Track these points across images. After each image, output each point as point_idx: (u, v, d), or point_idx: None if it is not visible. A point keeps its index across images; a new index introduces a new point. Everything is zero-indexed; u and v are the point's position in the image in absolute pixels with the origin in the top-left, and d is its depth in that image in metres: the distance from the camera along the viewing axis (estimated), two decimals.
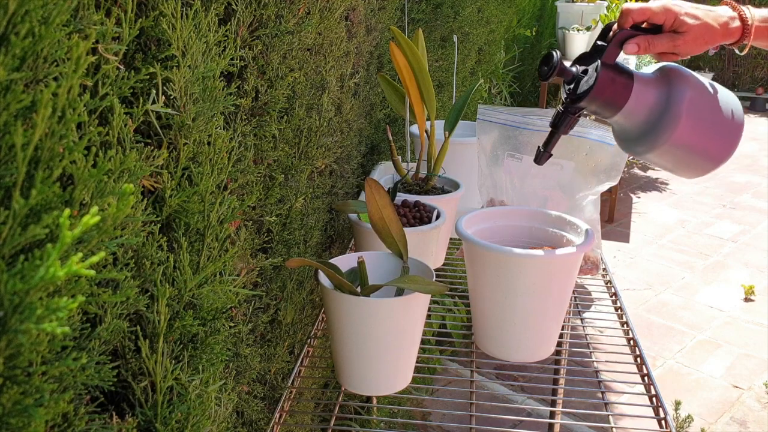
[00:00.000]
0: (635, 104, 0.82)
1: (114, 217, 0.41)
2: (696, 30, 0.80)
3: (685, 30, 0.80)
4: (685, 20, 0.80)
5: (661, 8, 0.81)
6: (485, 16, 2.58)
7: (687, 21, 0.80)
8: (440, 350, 2.02)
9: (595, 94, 0.81)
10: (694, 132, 0.81)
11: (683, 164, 0.85)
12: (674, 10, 0.80)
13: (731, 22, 0.81)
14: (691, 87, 0.82)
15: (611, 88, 0.81)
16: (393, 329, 0.81)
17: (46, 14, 0.38)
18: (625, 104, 0.82)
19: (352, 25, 1.19)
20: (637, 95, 0.82)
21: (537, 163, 0.90)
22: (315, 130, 1.00)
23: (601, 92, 0.81)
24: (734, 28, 0.81)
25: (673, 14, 0.80)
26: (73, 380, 0.46)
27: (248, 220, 0.84)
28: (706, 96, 0.82)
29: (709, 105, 0.82)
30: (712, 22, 0.81)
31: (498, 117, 1.23)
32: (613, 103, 0.82)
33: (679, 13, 0.80)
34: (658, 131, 0.82)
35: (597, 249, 1.26)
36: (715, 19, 0.81)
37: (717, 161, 0.84)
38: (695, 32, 0.80)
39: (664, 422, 0.88)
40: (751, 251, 3.16)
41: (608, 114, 0.84)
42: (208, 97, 0.61)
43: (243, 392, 0.89)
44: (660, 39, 0.81)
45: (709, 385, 2.19)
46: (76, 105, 0.39)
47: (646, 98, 0.82)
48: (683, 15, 0.80)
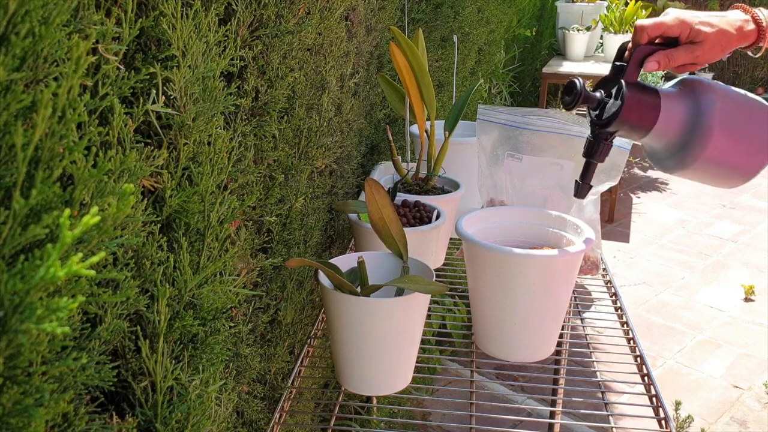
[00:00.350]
0: (665, 122, 0.80)
1: (114, 217, 0.41)
2: (713, 38, 0.79)
3: (702, 39, 0.79)
4: (701, 29, 0.79)
5: (676, 20, 0.79)
6: (485, 16, 2.58)
7: (703, 30, 0.79)
8: (440, 350, 2.02)
9: (623, 117, 0.79)
10: (728, 143, 0.79)
11: (717, 177, 0.83)
12: (689, 21, 0.79)
13: (746, 25, 0.80)
14: (719, 97, 0.80)
15: (639, 109, 0.79)
16: (393, 329, 0.81)
17: (46, 14, 0.38)
18: (656, 123, 0.80)
19: (352, 25, 1.19)
20: (666, 113, 0.80)
21: (578, 198, 0.88)
22: (315, 130, 1.00)
23: (628, 115, 0.79)
24: (749, 31, 0.80)
25: (688, 25, 0.79)
26: (73, 380, 0.46)
27: (248, 220, 0.84)
28: (735, 105, 0.81)
29: (740, 114, 0.80)
30: (728, 28, 0.79)
31: (498, 117, 1.23)
32: (643, 124, 0.80)
33: (693, 23, 0.79)
34: (693, 145, 0.80)
35: (597, 249, 1.26)
36: (730, 24, 0.80)
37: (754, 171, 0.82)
38: (712, 40, 0.79)
39: (664, 422, 0.88)
40: (751, 251, 3.16)
41: (638, 135, 0.82)
42: (208, 97, 0.61)
43: (243, 392, 0.89)
44: (678, 52, 0.80)
45: (709, 385, 2.19)
46: (76, 105, 0.39)
47: (676, 115, 0.80)
48: (698, 24, 0.79)
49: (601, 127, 0.82)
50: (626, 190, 3.91)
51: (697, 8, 5.87)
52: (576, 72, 3.37)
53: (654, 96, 0.80)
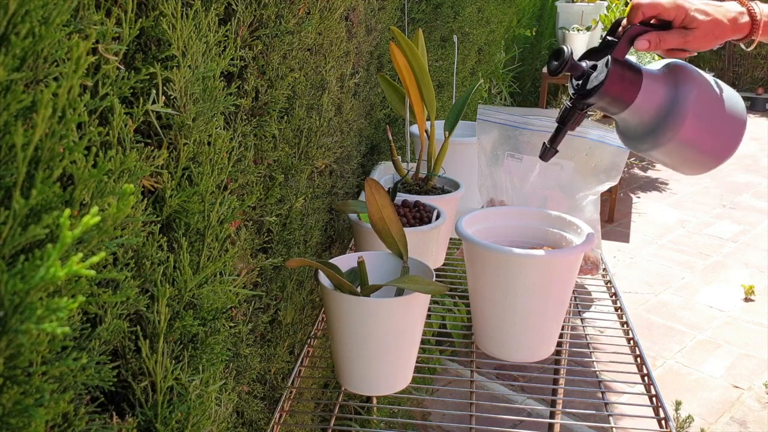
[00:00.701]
0: (643, 101, 0.81)
1: (114, 217, 0.41)
2: (706, 26, 0.80)
3: (695, 26, 0.80)
4: (695, 16, 0.80)
5: (672, 4, 0.80)
6: (485, 16, 2.58)
7: (697, 17, 0.79)
8: (440, 350, 2.02)
9: (604, 90, 0.80)
10: (699, 130, 0.81)
11: (686, 161, 0.85)
12: (685, 6, 0.80)
13: (740, 17, 0.81)
14: (697, 85, 0.81)
15: (620, 85, 0.81)
16: (393, 329, 0.81)
17: (47, 14, 0.38)
18: (634, 101, 0.81)
19: (352, 25, 1.19)
20: (645, 92, 0.81)
21: (542, 160, 0.90)
22: (315, 130, 1.00)
23: (610, 88, 0.80)
24: (743, 24, 0.81)
25: (683, 10, 0.80)
26: (73, 380, 0.46)
27: (248, 220, 0.84)
28: (711, 94, 0.82)
29: (714, 103, 0.82)
30: (722, 18, 0.80)
31: (498, 117, 1.23)
32: (622, 100, 0.81)
33: (689, 9, 0.80)
34: (664, 129, 0.81)
35: (597, 249, 1.26)
36: (725, 15, 0.80)
37: (719, 158, 0.84)
38: (705, 28, 0.80)
39: (664, 422, 0.88)
40: (751, 251, 3.16)
41: (616, 110, 0.83)
42: (208, 97, 0.61)
43: (243, 392, 0.89)
44: (670, 35, 0.81)
45: (709, 385, 2.19)
46: (77, 105, 0.39)
47: (654, 95, 0.82)
48: (693, 11, 0.80)
49: (581, 97, 0.83)
50: (626, 190, 3.91)
51: None
52: None
53: (637, 74, 0.81)
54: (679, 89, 0.81)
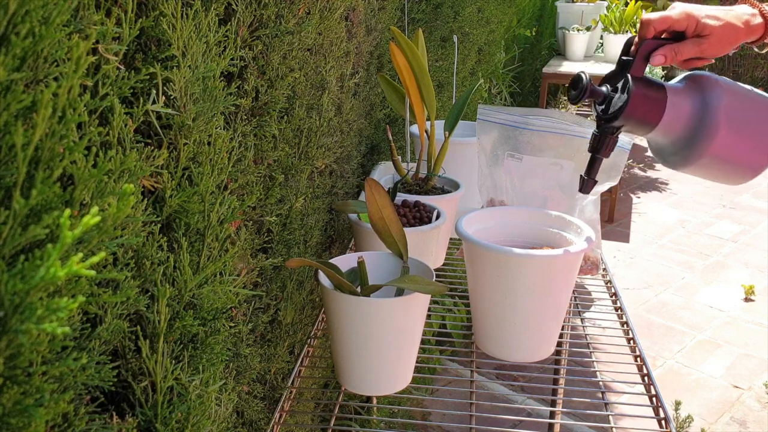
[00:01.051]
0: (671, 117, 0.79)
1: (114, 218, 0.41)
2: (719, 31, 0.78)
3: (708, 33, 0.78)
4: (707, 23, 0.78)
5: (682, 14, 0.79)
6: (485, 16, 2.58)
7: (709, 23, 0.78)
8: (440, 350, 2.02)
9: (629, 111, 0.79)
10: (734, 139, 0.79)
11: (723, 173, 0.83)
12: (695, 15, 0.79)
13: (753, 19, 0.80)
14: (725, 93, 0.79)
15: (645, 103, 0.79)
16: (393, 329, 0.81)
17: (47, 14, 0.38)
18: (662, 119, 0.79)
19: (352, 25, 1.19)
20: (672, 108, 0.79)
21: (583, 193, 0.88)
22: (315, 130, 1.00)
23: (634, 109, 0.79)
24: (756, 25, 0.80)
25: (694, 19, 0.79)
26: (74, 380, 0.46)
27: (248, 220, 0.84)
28: (742, 100, 0.80)
29: (747, 110, 0.80)
30: (735, 21, 0.79)
31: (498, 117, 1.23)
32: (649, 119, 0.80)
33: (700, 16, 0.79)
34: (696, 143, 0.79)
35: (597, 249, 1.26)
36: (738, 18, 0.79)
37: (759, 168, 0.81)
38: (719, 34, 0.78)
39: (664, 422, 0.88)
40: (751, 251, 3.16)
41: (644, 131, 0.81)
42: (208, 97, 0.61)
43: (243, 392, 0.89)
44: (685, 46, 0.79)
45: (709, 385, 2.19)
46: (77, 105, 0.39)
47: (682, 110, 0.80)
48: (704, 18, 0.79)
49: (606, 122, 0.82)
50: (626, 190, 3.92)
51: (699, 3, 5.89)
52: (576, 72, 3.37)
53: (660, 91, 0.80)
54: (707, 98, 0.79)
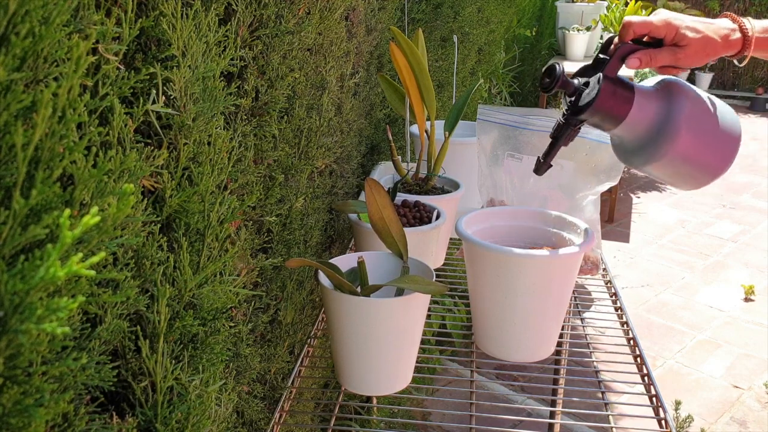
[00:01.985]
0: (636, 117, 0.82)
1: (114, 218, 0.41)
2: (697, 43, 0.80)
3: (686, 44, 0.80)
4: (686, 34, 0.80)
5: (663, 22, 0.81)
6: (485, 16, 2.58)
7: (688, 35, 0.80)
8: (440, 350, 2.02)
9: (596, 106, 0.81)
10: (692, 145, 0.82)
11: (681, 176, 0.86)
12: (675, 24, 0.80)
13: (732, 33, 0.82)
14: (690, 101, 0.82)
15: (612, 101, 0.81)
16: (393, 329, 0.81)
17: (47, 14, 0.38)
18: (626, 117, 0.82)
19: (352, 25, 1.19)
20: (638, 108, 0.82)
21: (536, 174, 0.91)
22: (315, 130, 1.00)
23: (602, 105, 0.81)
24: (735, 40, 0.82)
25: (674, 28, 0.80)
26: (73, 380, 0.46)
27: (248, 220, 0.84)
28: (704, 110, 0.83)
29: (708, 119, 0.83)
30: (713, 35, 0.81)
31: (498, 117, 1.23)
32: (614, 116, 0.82)
33: (680, 26, 0.80)
34: (658, 144, 0.82)
35: (597, 249, 1.26)
36: (716, 32, 0.81)
37: (714, 174, 0.85)
38: (696, 45, 0.80)
39: (664, 422, 0.88)
40: (751, 251, 3.16)
41: (609, 126, 0.84)
42: (208, 97, 0.61)
43: (243, 392, 0.89)
44: (661, 53, 0.81)
45: (709, 385, 2.19)
46: (77, 105, 0.39)
47: (647, 111, 0.82)
48: (684, 29, 0.80)
49: (573, 114, 0.84)
50: (626, 190, 3.91)
51: (697, 8, 5.87)
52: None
53: (629, 91, 0.82)
54: (672, 105, 0.82)
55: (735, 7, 5.93)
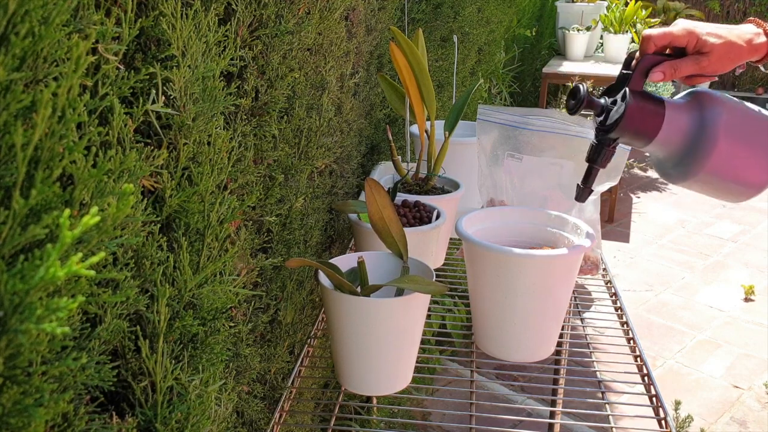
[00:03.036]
0: (668, 132, 0.80)
1: (114, 217, 0.41)
2: (720, 49, 0.78)
3: (708, 50, 0.78)
4: (707, 40, 0.78)
5: (683, 31, 0.79)
6: (485, 16, 2.58)
7: (710, 40, 0.78)
8: (440, 350, 2.02)
9: (625, 124, 0.80)
10: (732, 157, 0.79)
11: (722, 190, 0.83)
12: (696, 31, 0.79)
13: (756, 38, 0.79)
14: (725, 110, 0.79)
15: (641, 117, 0.79)
16: (393, 329, 0.81)
17: (46, 14, 0.38)
18: (658, 132, 0.80)
19: (352, 25, 1.19)
20: (670, 123, 0.80)
21: (579, 201, 0.89)
22: (315, 130, 1.00)
23: (631, 122, 0.79)
24: (760, 44, 0.79)
25: (695, 35, 0.79)
26: (73, 380, 0.46)
27: (248, 220, 0.84)
28: (742, 118, 0.80)
29: (746, 127, 0.80)
30: (737, 40, 0.79)
31: (498, 117, 1.23)
32: (645, 132, 0.80)
33: (701, 33, 0.79)
34: (694, 158, 0.79)
35: (597, 249, 1.26)
36: (740, 36, 0.79)
37: (759, 186, 0.81)
38: (720, 51, 0.78)
39: (664, 422, 0.88)
40: (751, 251, 3.16)
41: (642, 143, 0.82)
42: (208, 97, 0.61)
43: (243, 392, 0.89)
44: (685, 62, 0.79)
45: (709, 385, 2.19)
46: (76, 105, 0.39)
47: (679, 124, 0.80)
48: (705, 35, 0.78)
49: (604, 133, 0.83)
50: (626, 190, 3.91)
51: (697, 7, 5.88)
52: (576, 72, 3.37)
53: (658, 105, 0.80)
54: (706, 116, 0.79)
55: (735, 7, 5.93)
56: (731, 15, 6.02)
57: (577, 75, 3.31)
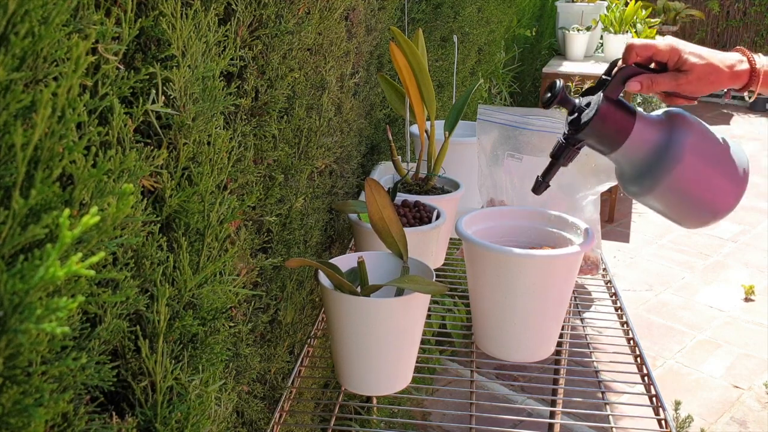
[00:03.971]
0: (634, 142, 0.80)
1: (114, 217, 0.41)
2: (700, 69, 0.78)
3: (688, 69, 0.78)
4: (688, 59, 0.78)
5: (666, 46, 0.79)
6: (485, 16, 2.58)
7: (690, 59, 0.78)
8: (440, 350, 2.02)
9: (593, 127, 0.80)
10: (692, 178, 0.79)
11: (680, 211, 0.83)
12: (679, 48, 0.79)
13: (739, 65, 0.79)
14: (694, 132, 0.80)
15: (611, 123, 0.80)
16: (393, 329, 0.81)
17: (46, 14, 0.38)
18: (625, 141, 0.80)
19: (352, 25, 1.19)
20: (637, 133, 0.80)
21: (535, 193, 0.90)
22: (315, 130, 1.00)
23: (600, 126, 0.80)
24: (741, 71, 0.79)
25: (677, 52, 0.79)
26: (73, 380, 0.46)
27: (248, 220, 0.84)
28: (710, 144, 0.80)
29: (711, 153, 0.80)
30: (718, 63, 0.79)
31: (498, 117, 1.23)
32: (612, 139, 0.81)
33: (683, 51, 0.79)
34: (655, 172, 0.80)
35: (597, 249, 1.26)
36: (722, 61, 0.79)
37: (715, 211, 0.81)
38: (699, 71, 0.78)
39: (664, 422, 0.88)
40: (751, 251, 3.16)
41: (607, 149, 0.82)
42: (208, 97, 0.61)
43: (243, 392, 0.89)
44: (663, 77, 0.80)
45: (709, 385, 2.19)
46: (76, 105, 0.39)
47: (646, 137, 0.80)
48: (687, 54, 0.79)
49: (573, 133, 0.83)
50: None
51: (697, 7, 5.88)
52: (576, 72, 3.37)
53: (629, 115, 0.80)
54: (674, 133, 0.80)
55: (735, 7, 5.93)
56: (731, 15, 6.02)
57: (577, 75, 3.31)
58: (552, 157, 0.86)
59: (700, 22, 6.15)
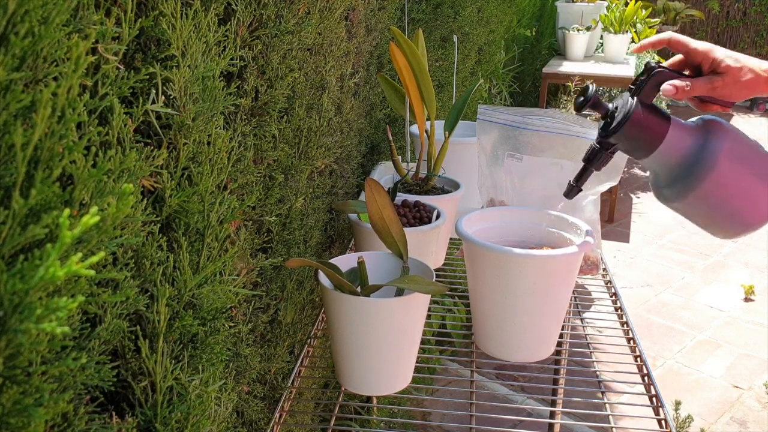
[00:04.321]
0: (669, 147, 0.79)
1: (114, 217, 0.41)
2: (735, 72, 0.77)
3: (723, 71, 0.77)
4: (724, 60, 0.77)
5: (702, 46, 0.79)
6: (485, 16, 2.58)
7: (726, 61, 0.77)
8: (440, 350, 2.02)
9: (626, 131, 0.79)
10: (727, 185, 0.77)
11: (712, 220, 0.81)
12: (714, 50, 0.78)
13: None
14: (730, 139, 0.78)
15: (644, 128, 0.79)
16: (393, 329, 0.81)
17: (46, 14, 0.38)
18: (659, 146, 0.79)
19: (352, 25, 1.19)
20: (672, 138, 0.79)
21: (567, 198, 0.89)
22: (315, 130, 1.00)
23: (632, 130, 0.79)
24: None
25: (712, 54, 0.78)
26: (73, 380, 0.46)
27: (248, 220, 0.84)
28: (746, 151, 0.78)
29: (749, 161, 0.78)
30: (755, 67, 0.77)
31: (498, 117, 1.23)
32: (645, 144, 0.80)
33: (718, 53, 0.78)
34: (689, 179, 0.78)
35: (597, 249, 1.26)
36: (759, 66, 0.77)
37: (747, 223, 0.79)
38: (735, 74, 0.77)
39: (664, 422, 0.88)
40: (751, 251, 3.16)
41: (640, 154, 0.81)
42: (208, 97, 0.61)
43: (243, 392, 0.89)
44: (698, 81, 0.78)
45: (709, 385, 2.19)
46: (76, 105, 0.39)
47: (681, 143, 0.79)
48: (723, 56, 0.77)
49: (605, 137, 0.82)
50: (626, 190, 3.91)
51: (697, 7, 5.87)
52: (576, 72, 3.37)
53: (663, 120, 0.79)
54: (709, 141, 0.78)
55: (735, 7, 5.93)
56: (731, 15, 6.02)
57: (577, 75, 3.31)
58: (585, 161, 0.86)
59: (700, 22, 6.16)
